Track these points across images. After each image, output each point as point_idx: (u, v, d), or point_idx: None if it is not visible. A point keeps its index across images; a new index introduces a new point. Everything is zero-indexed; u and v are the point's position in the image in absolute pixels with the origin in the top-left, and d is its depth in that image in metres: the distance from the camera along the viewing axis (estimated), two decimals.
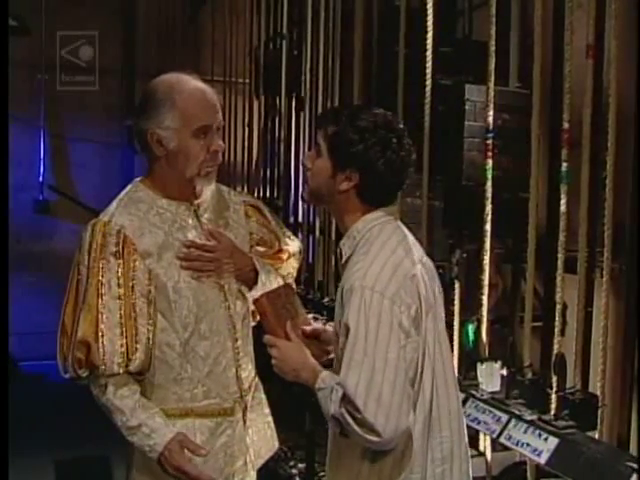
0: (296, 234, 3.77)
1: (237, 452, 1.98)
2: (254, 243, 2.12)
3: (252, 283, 2.01)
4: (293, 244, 2.22)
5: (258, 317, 2.15)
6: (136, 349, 1.83)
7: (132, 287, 1.83)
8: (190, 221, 1.95)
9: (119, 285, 1.82)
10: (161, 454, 1.80)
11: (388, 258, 1.58)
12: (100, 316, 1.80)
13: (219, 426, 1.94)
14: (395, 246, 1.61)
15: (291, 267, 2.21)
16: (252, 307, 2.07)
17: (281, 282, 2.12)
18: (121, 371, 1.82)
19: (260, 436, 2.06)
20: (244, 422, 2.00)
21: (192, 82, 1.90)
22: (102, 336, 1.79)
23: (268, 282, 2.03)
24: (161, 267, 1.87)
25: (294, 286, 1.72)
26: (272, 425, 2.14)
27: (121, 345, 1.81)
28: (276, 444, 2.16)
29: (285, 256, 2.18)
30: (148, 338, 1.85)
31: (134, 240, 1.85)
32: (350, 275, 1.59)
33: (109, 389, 1.82)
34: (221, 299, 1.96)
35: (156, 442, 1.80)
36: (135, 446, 1.84)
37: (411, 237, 1.70)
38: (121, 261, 1.83)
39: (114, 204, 1.92)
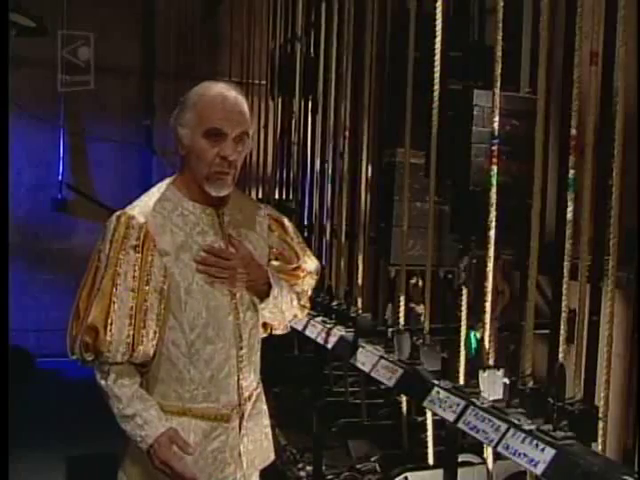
0: (310, 236, 3.77)
1: (228, 459, 2.00)
2: (273, 257, 2.16)
3: (264, 296, 2.04)
4: (312, 263, 2.25)
5: (269, 329, 2.18)
6: (142, 342, 1.88)
7: (147, 281, 1.88)
8: (212, 226, 1.98)
9: (134, 278, 1.87)
10: (150, 446, 1.85)
11: None
12: (112, 305, 1.85)
13: (213, 430, 1.97)
14: None
15: (307, 285, 2.23)
16: (262, 319, 2.09)
17: (295, 299, 2.13)
18: (124, 360, 1.87)
19: (256, 446, 2.07)
20: (239, 430, 2.02)
21: (219, 88, 1.93)
22: (111, 324, 1.84)
23: (280, 297, 2.06)
24: (177, 267, 1.91)
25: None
26: (270, 437, 2.16)
27: (127, 336, 1.86)
28: (272, 456, 2.18)
29: (302, 274, 2.20)
30: (155, 332, 1.89)
31: (155, 237, 1.89)
32: None
33: (111, 376, 1.88)
34: (231, 307, 1.98)
35: (147, 434, 1.85)
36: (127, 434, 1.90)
37: None
38: (140, 255, 1.87)
39: (142, 199, 1.97)
